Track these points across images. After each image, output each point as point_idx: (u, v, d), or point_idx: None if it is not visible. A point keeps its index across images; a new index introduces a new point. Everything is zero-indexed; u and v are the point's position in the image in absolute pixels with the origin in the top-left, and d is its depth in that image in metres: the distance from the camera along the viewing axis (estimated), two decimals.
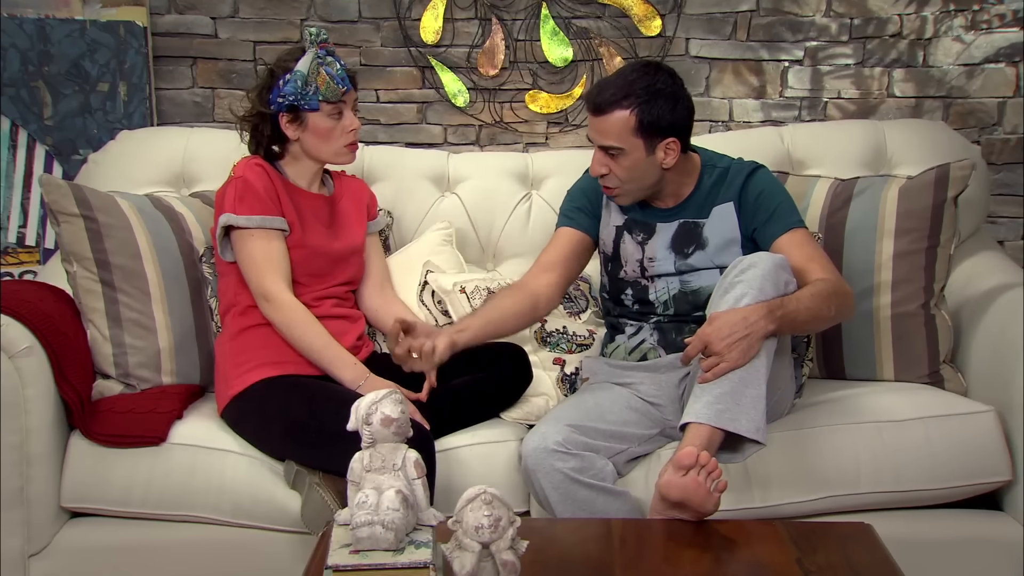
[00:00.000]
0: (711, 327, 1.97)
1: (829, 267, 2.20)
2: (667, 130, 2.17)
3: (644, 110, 2.14)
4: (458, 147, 3.18)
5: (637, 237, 2.31)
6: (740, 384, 1.95)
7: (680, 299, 2.27)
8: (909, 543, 1.98)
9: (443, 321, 2.53)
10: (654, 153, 2.18)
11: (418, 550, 1.41)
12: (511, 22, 3.16)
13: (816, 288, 2.10)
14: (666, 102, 2.15)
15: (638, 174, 2.20)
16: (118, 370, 2.29)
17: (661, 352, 2.29)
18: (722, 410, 1.92)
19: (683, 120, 2.19)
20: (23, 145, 3.04)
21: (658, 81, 2.17)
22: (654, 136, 2.16)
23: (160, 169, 2.73)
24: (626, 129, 2.15)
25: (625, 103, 2.15)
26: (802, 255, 2.17)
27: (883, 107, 3.18)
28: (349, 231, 2.43)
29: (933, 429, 2.17)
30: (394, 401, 1.48)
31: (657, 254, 2.29)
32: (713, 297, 2.09)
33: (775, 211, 2.23)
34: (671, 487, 1.82)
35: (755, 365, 1.96)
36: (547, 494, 2.03)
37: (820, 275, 2.14)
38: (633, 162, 2.18)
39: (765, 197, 2.25)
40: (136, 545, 2.17)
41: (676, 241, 2.27)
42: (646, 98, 2.14)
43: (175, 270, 2.40)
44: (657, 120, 2.15)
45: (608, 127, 2.16)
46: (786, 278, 2.07)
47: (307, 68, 2.27)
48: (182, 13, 3.15)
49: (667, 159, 2.19)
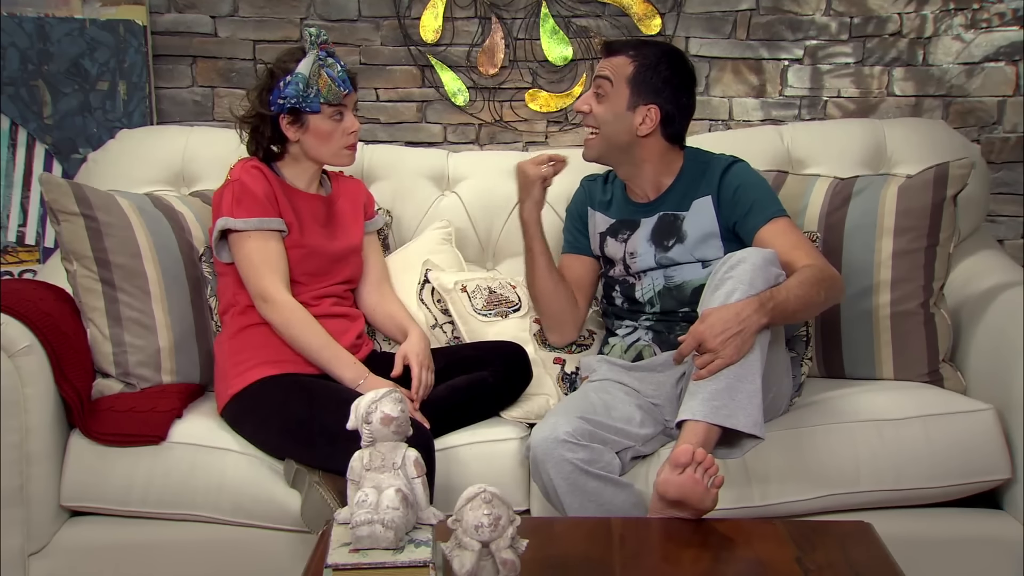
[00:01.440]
0: (704, 324, 1.98)
1: (814, 253, 2.22)
2: (654, 95, 2.28)
3: (644, 67, 2.28)
4: (458, 146, 3.18)
5: (622, 236, 2.37)
6: (735, 380, 1.95)
7: (665, 295, 2.30)
8: (909, 542, 1.98)
9: (443, 320, 2.53)
10: (634, 111, 2.27)
11: (418, 549, 1.41)
12: (511, 21, 3.16)
13: (803, 275, 2.11)
14: (667, 74, 2.29)
15: (612, 121, 2.30)
16: (118, 369, 2.29)
17: (656, 349, 2.30)
18: (718, 406, 1.93)
19: (673, 99, 2.29)
20: (23, 144, 3.04)
21: (672, 58, 2.31)
22: (640, 94, 2.28)
23: (160, 168, 2.73)
24: (621, 72, 2.29)
25: (632, 53, 2.31)
26: (786, 243, 2.19)
27: (883, 106, 3.18)
28: (346, 231, 2.43)
29: (932, 428, 2.17)
30: (394, 400, 1.48)
31: (638, 248, 2.33)
32: (704, 294, 2.09)
33: (754, 203, 2.26)
34: (668, 485, 1.82)
35: (749, 360, 1.97)
36: (555, 484, 2.03)
37: (806, 262, 2.16)
38: (613, 107, 2.29)
39: (743, 190, 2.28)
40: (136, 544, 2.17)
41: (656, 234, 2.33)
42: (652, 62, 2.29)
43: (175, 269, 2.40)
44: (650, 81, 2.28)
45: (609, 64, 2.32)
46: (776, 271, 2.07)
47: (308, 70, 2.27)
48: (182, 12, 3.15)
49: (642, 126, 2.28)
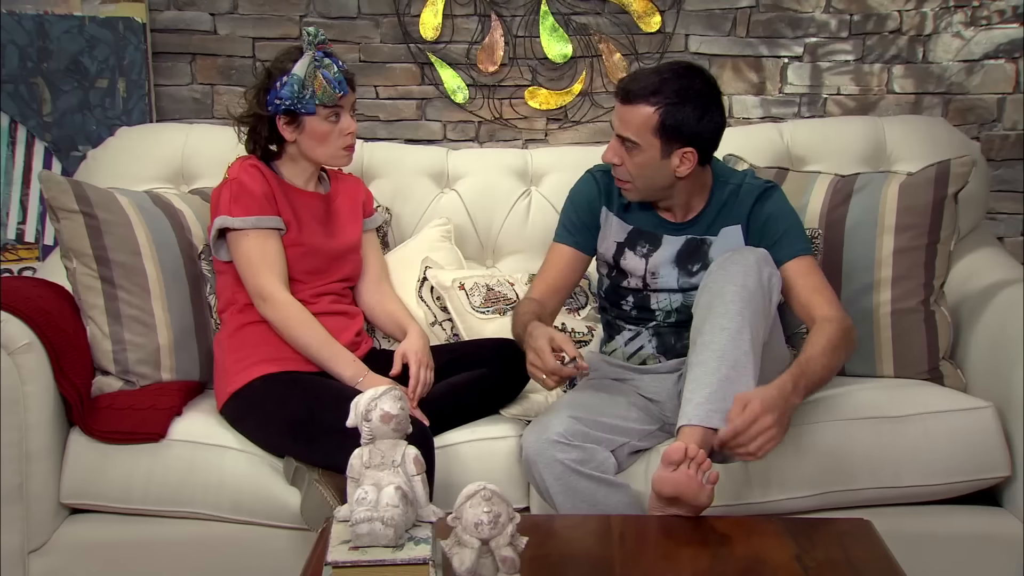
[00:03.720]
0: (742, 421, 1.84)
1: (834, 300, 2.15)
2: (688, 138, 2.12)
3: (669, 112, 2.09)
4: (457, 144, 3.18)
5: (642, 249, 2.27)
6: (727, 382, 1.94)
7: (682, 311, 2.25)
8: (908, 539, 1.98)
9: (442, 317, 2.53)
10: (669, 158, 2.13)
11: (417, 546, 1.41)
12: (510, 18, 3.16)
13: (827, 338, 2.03)
14: (694, 110, 2.10)
15: (649, 173, 2.16)
16: (117, 367, 2.29)
17: (661, 359, 2.28)
18: (712, 410, 1.92)
19: (708, 133, 2.14)
20: (22, 141, 3.04)
21: (693, 86, 2.12)
22: (673, 141, 2.12)
23: (159, 166, 2.73)
24: (646, 126, 2.11)
25: (653, 99, 2.10)
26: (807, 285, 2.14)
27: (883, 103, 3.18)
28: (345, 229, 2.43)
29: (932, 425, 2.17)
30: (393, 397, 1.47)
31: (660, 269, 2.26)
32: (697, 297, 2.08)
33: (782, 236, 2.18)
34: (663, 483, 1.83)
35: (740, 361, 1.95)
36: (548, 485, 2.03)
37: (826, 310, 2.10)
38: (646, 160, 2.14)
39: (773, 221, 2.20)
40: (135, 541, 2.17)
41: (681, 257, 2.25)
42: (675, 100, 2.09)
43: (174, 267, 2.40)
44: (679, 125, 2.10)
45: (630, 118, 2.12)
46: (768, 271, 2.05)
47: (304, 72, 2.27)
48: (181, 9, 3.14)
49: (681, 168, 2.15)
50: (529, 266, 2.71)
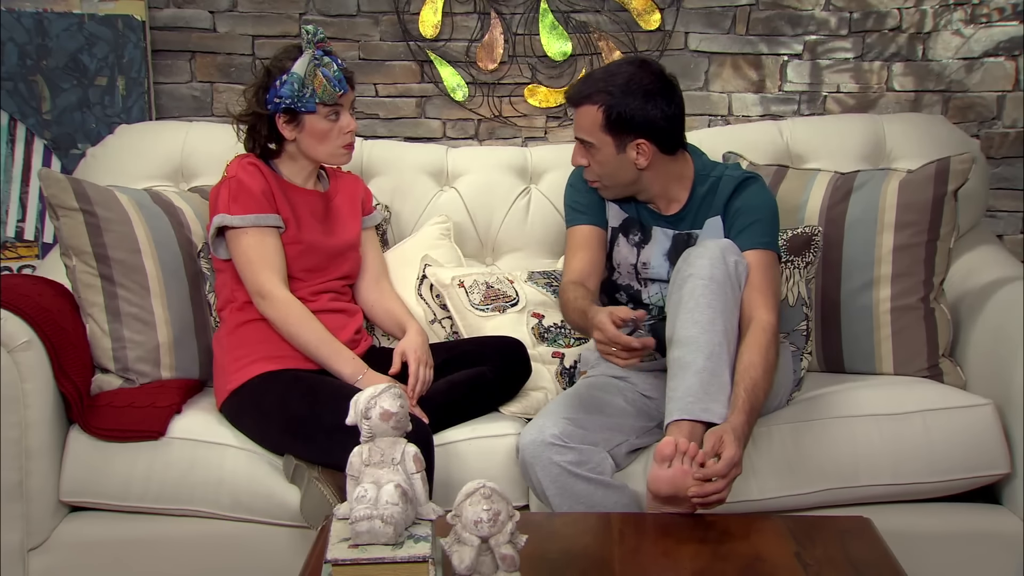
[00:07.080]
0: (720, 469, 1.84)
1: (773, 305, 2.12)
2: (638, 129, 2.15)
3: (613, 107, 2.13)
4: (457, 141, 3.18)
5: (634, 238, 2.31)
6: (708, 374, 1.96)
7: None
8: (908, 537, 1.99)
9: (441, 315, 2.53)
10: (625, 152, 2.17)
11: (417, 544, 1.42)
12: (510, 16, 3.16)
13: (760, 350, 2.02)
14: (640, 101, 2.13)
15: (611, 171, 2.21)
16: (117, 364, 2.29)
17: (656, 355, 2.29)
18: (693, 402, 1.94)
19: (658, 122, 2.15)
20: (21, 139, 3.04)
21: (638, 79, 2.14)
22: (623, 134, 2.15)
23: (159, 163, 2.73)
24: (595, 124, 2.16)
25: (595, 97, 2.15)
26: (752, 280, 2.12)
27: (882, 101, 3.18)
28: (344, 227, 2.43)
29: (932, 422, 2.17)
30: (393, 395, 1.48)
31: (652, 260, 2.29)
32: (668, 294, 2.09)
33: (749, 226, 2.19)
34: (659, 481, 1.83)
35: (716, 352, 1.97)
36: (544, 487, 2.03)
37: (763, 313, 2.08)
38: (605, 158, 2.19)
39: (744, 211, 2.21)
40: (135, 539, 2.17)
41: (672, 252, 2.26)
42: (618, 96, 2.13)
43: (174, 265, 2.40)
44: (626, 118, 2.13)
45: (580, 120, 2.19)
46: (734, 259, 2.07)
47: (303, 71, 2.26)
48: (180, 7, 3.14)
49: (640, 159, 2.18)
50: (529, 264, 2.71)
